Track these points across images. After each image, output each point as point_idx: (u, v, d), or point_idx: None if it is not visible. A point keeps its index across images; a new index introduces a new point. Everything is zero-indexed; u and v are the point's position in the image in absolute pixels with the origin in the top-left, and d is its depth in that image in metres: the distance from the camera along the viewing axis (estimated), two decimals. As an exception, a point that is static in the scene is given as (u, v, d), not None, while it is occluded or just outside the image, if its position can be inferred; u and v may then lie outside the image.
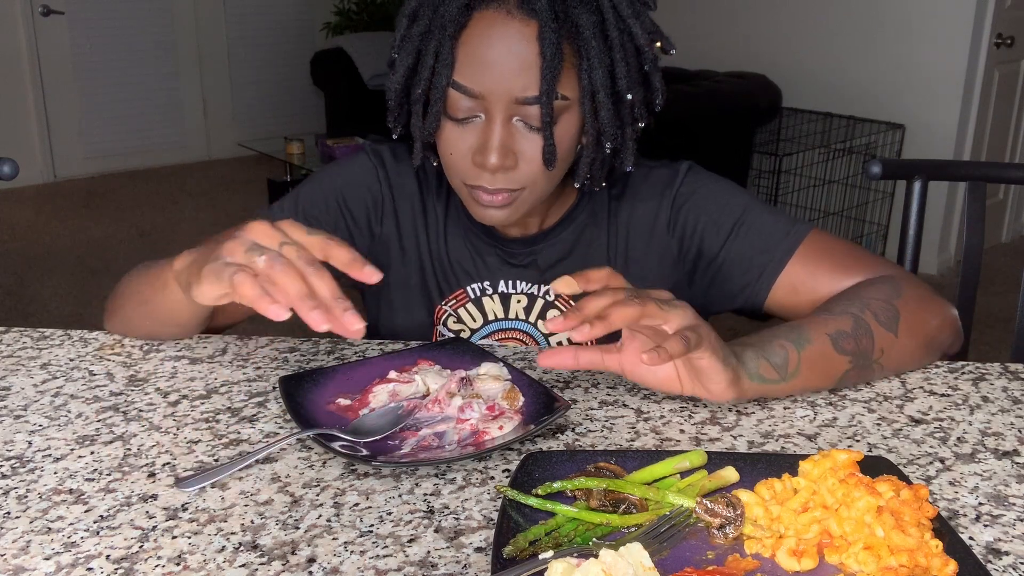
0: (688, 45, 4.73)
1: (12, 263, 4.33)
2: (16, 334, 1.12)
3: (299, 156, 4.63)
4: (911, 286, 1.03)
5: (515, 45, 0.93)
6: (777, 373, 0.91)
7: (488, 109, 0.96)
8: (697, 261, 1.12)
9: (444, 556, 0.70)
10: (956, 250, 4.35)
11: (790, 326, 0.95)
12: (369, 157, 1.18)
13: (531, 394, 0.91)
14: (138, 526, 0.74)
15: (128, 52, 5.84)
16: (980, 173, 1.46)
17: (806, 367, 0.92)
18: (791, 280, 1.06)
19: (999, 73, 4.21)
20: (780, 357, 0.91)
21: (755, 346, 0.91)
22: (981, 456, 0.85)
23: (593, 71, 0.96)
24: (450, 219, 1.16)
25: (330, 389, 0.94)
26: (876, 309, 0.98)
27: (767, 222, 1.09)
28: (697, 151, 3.80)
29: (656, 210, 1.13)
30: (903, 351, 0.99)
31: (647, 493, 0.73)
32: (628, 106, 1.00)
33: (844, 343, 0.94)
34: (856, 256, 1.08)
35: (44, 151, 5.62)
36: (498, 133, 0.97)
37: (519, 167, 0.99)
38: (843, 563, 0.67)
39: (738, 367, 0.87)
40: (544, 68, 0.93)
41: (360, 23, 6.12)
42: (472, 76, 0.95)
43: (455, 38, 0.95)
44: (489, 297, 1.15)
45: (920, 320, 1.00)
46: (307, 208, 1.15)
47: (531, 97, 0.95)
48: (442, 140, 1.01)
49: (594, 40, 0.95)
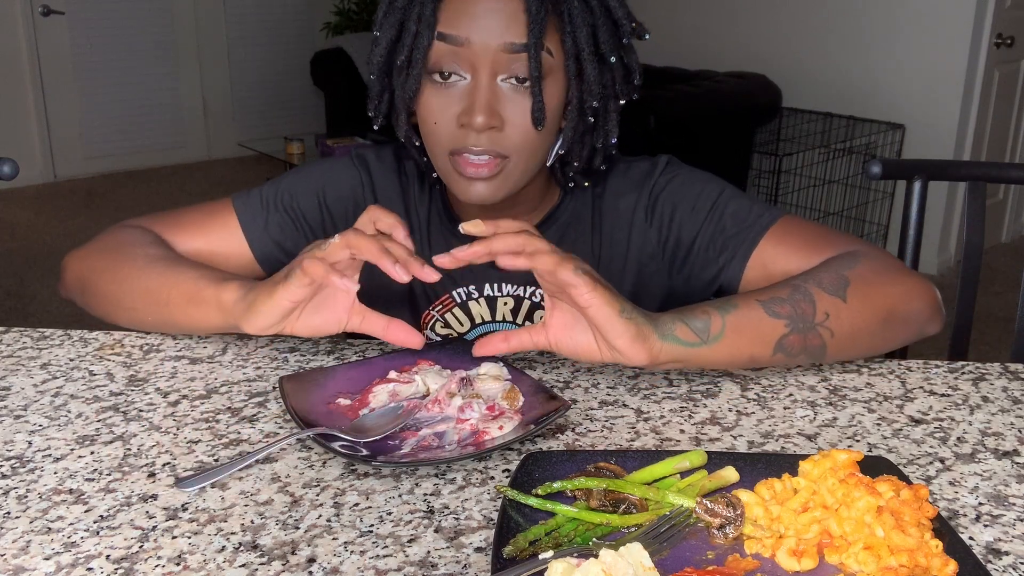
0: (688, 45, 4.75)
1: (12, 263, 4.34)
2: (16, 334, 1.12)
3: (299, 156, 4.64)
4: (871, 259, 1.00)
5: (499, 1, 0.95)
6: (697, 336, 0.89)
7: (473, 63, 0.96)
8: (676, 250, 1.12)
9: (444, 556, 0.70)
10: (956, 250, 4.35)
11: (723, 298, 0.94)
12: (353, 161, 1.17)
13: (531, 394, 0.91)
14: (138, 526, 0.74)
15: (128, 52, 5.84)
16: (980, 173, 1.46)
17: (732, 331, 0.90)
18: (762, 259, 1.06)
19: (999, 73, 4.21)
20: (701, 321, 0.90)
21: (676, 312, 0.90)
22: (981, 456, 0.85)
23: (577, 30, 0.98)
24: (432, 224, 1.16)
25: (330, 389, 0.94)
26: (821, 278, 0.96)
27: (743, 206, 1.09)
28: (697, 151, 3.80)
29: (635, 203, 1.13)
30: (855, 316, 0.95)
31: (647, 493, 0.73)
32: (610, 71, 1.01)
33: (777, 307, 0.93)
34: (827, 236, 1.07)
35: (44, 151, 5.62)
36: (484, 90, 0.97)
37: (506, 130, 0.98)
38: (843, 563, 0.67)
39: (644, 324, 0.86)
40: (530, 20, 0.94)
41: (360, 23, 6.12)
42: (457, 26, 0.96)
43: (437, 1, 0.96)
44: (475, 301, 1.15)
45: (875, 287, 0.97)
46: (287, 199, 1.15)
47: (519, 44, 0.95)
48: (425, 109, 1.00)
49: (576, 1, 0.98)
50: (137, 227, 1.13)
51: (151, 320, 1.04)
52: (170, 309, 1.01)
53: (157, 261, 1.04)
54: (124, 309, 1.05)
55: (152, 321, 1.05)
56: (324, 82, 5.70)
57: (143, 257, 1.05)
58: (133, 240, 1.09)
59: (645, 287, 1.15)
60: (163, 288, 1.01)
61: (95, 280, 1.07)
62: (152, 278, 1.02)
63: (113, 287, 1.05)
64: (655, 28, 1.05)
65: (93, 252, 1.10)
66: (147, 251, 1.06)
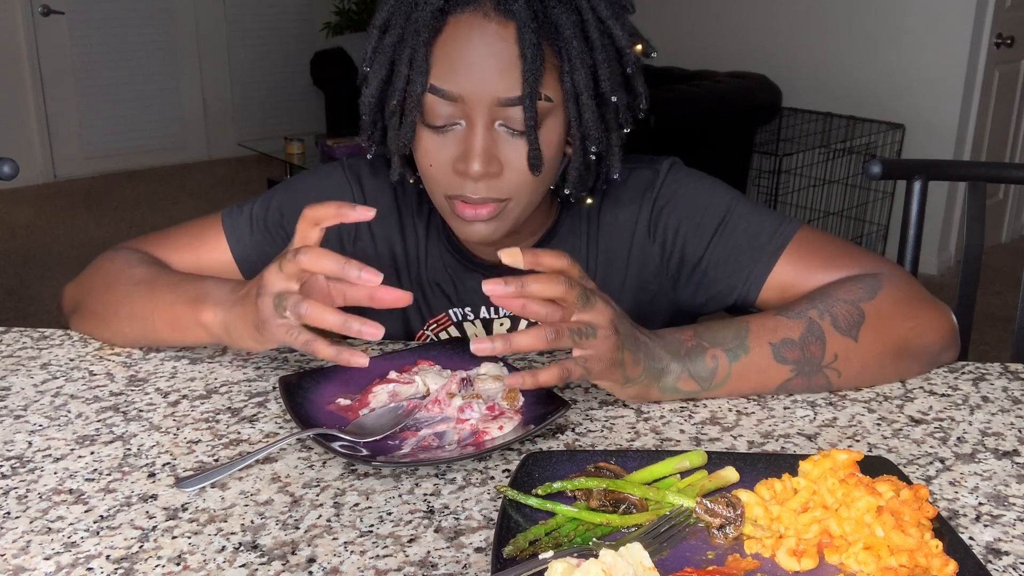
0: (688, 45, 4.75)
1: (12, 263, 4.33)
2: (16, 334, 1.12)
3: (299, 156, 4.63)
4: (892, 286, 0.99)
5: (494, 47, 0.91)
6: (699, 385, 0.92)
7: (468, 114, 0.93)
8: (681, 267, 1.08)
9: (444, 556, 0.70)
10: (956, 250, 4.34)
11: (739, 327, 0.93)
12: (345, 173, 1.13)
13: (531, 394, 0.91)
14: (138, 526, 0.74)
15: (128, 52, 5.83)
16: (980, 173, 1.46)
17: (735, 378, 0.93)
18: (780, 281, 1.04)
19: (999, 73, 4.21)
20: (707, 370, 0.91)
21: (686, 358, 0.91)
22: (981, 456, 0.85)
23: (575, 72, 0.94)
24: (431, 241, 1.12)
25: (330, 389, 0.94)
26: (837, 312, 0.95)
27: (753, 222, 1.06)
28: (697, 151, 3.80)
29: (636, 215, 1.09)
30: (865, 356, 0.96)
31: (647, 493, 0.73)
32: (612, 109, 0.97)
33: (787, 352, 0.93)
34: (846, 253, 1.05)
35: (44, 151, 5.62)
36: (480, 138, 0.93)
37: (504, 175, 0.95)
38: (843, 563, 0.67)
39: (647, 383, 0.89)
40: (525, 69, 0.90)
41: (360, 23, 6.12)
42: (450, 79, 0.92)
43: (429, 44, 0.92)
44: (471, 322, 1.12)
45: (889, 323, 0.97)
46: (277, 219, 1.12)
47: (514, 98, 0.91)
48: (421, 151, 0.97)
49: (575, 40, 0.93)
50: (127, 249, 1.12)
51: (145, 341, 1.06)
52: (158, 333, 1.02)
53: (138, 284, 1.03)
54: (119, 333, 1.06)
55: (146, 342, 1.06)
56: (324, 82, 5.70)
57: (126, 282, 1.04)
58: (119, 264, 1.07)
59: (649, 305, 1.11)
60: (147, 314, 1.01)
61: (86, 306, 1.09)
62: (136, 303, 1.02)
63: (103, 311, 1.06)
64: (655, 28, 1.04)
65: (84, 280, 1.11)
66: (131, 273, 1.04)
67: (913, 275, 1.35)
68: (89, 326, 1.09)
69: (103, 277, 1.07)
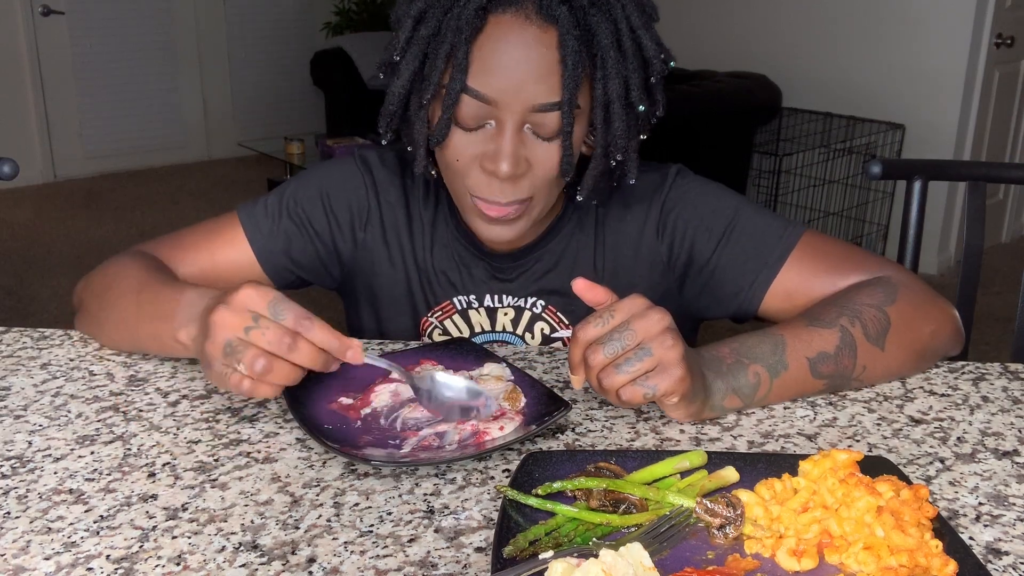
0: (688, 45, 4.74)
1: (12, 263, 4.33)
2: (16, 334, 1.12)
3: (299, 156, 4.63)
4: (907, 289, 1.00)
5: (533, 51, 0.91)
6: (743, 402, 0.92)
7: (500, 116, 0.93)
8: (688, 268, 1.09)
9: (444, 556, 0.70)
10: (956, 250, 4.34)
11: (775, 340, 0.93)
12: (356, 163, 1.15)
13: (533, 395, 0.91)
14: (138, 526, 0.74)
15: (128, 52, 5.83)
16: (980, 173, 1.46)
17: (777, 392, 0.93)
18: (785, 286, 1.04)
19: (999, 73, 4.21)
20: (750, 386, 0.91)
21: (728, 374, 0.90)
22: (981, 456, 0.85)
23: (609, 80, 0.94)
24: (437, 230, 1.13)
25: (332, 388, 0.94)
26: (867, 319, 0.96)
27: (759, 225, 1.06)
28: (697, 151, 3.80)
29: (644, 216, 1.10)
30: (889, 364, 0.97)
31: (647, 493, 0.73)
32: (636, 117, 0.98)
33: (823, 367, 0.93)
34: (852, 257, 1.05)
35: (44, 151, 5.62)
36: (510, 141, 0.94)
37: (528, 175, 0.97)
38: (843, 563, 0.67)
39: (700, 404, 0.88)
40: (566, 76, 0.91)
41: (360, 23, 6.11)
42: (486, 82, 0.92)
43: (471, 42, 0.91)
44: (476, 310, 1.14)
45: (913, 330, 0.98)
46: (292, 206, 1.13)
47: (550, 104, 0.92)
48: (448, 146, 0.97)
49: (611, 50, 0.93)
50: (135, 252, 1.10)
51: (136, 350, 1.05)
52: (144, 345, 1.01)
53: (126, 294, 1.01)
54: (111, 339, 1.06)
55: (137, 351, 1.05)
56: (324, 82, 5.70)
57: (118, 290, 1.03)
58: (118, 269, 1.06)
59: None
60: (132, 326, 1.00)
61: (87, 307, 1.09)
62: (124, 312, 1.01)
63: (99, 314, 1.06)
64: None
65: (89, 281, 1.11)
66: (126, 281, 1.03)
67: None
68: (88, 327, 1.09)
69: (102, 280, 1.07)
